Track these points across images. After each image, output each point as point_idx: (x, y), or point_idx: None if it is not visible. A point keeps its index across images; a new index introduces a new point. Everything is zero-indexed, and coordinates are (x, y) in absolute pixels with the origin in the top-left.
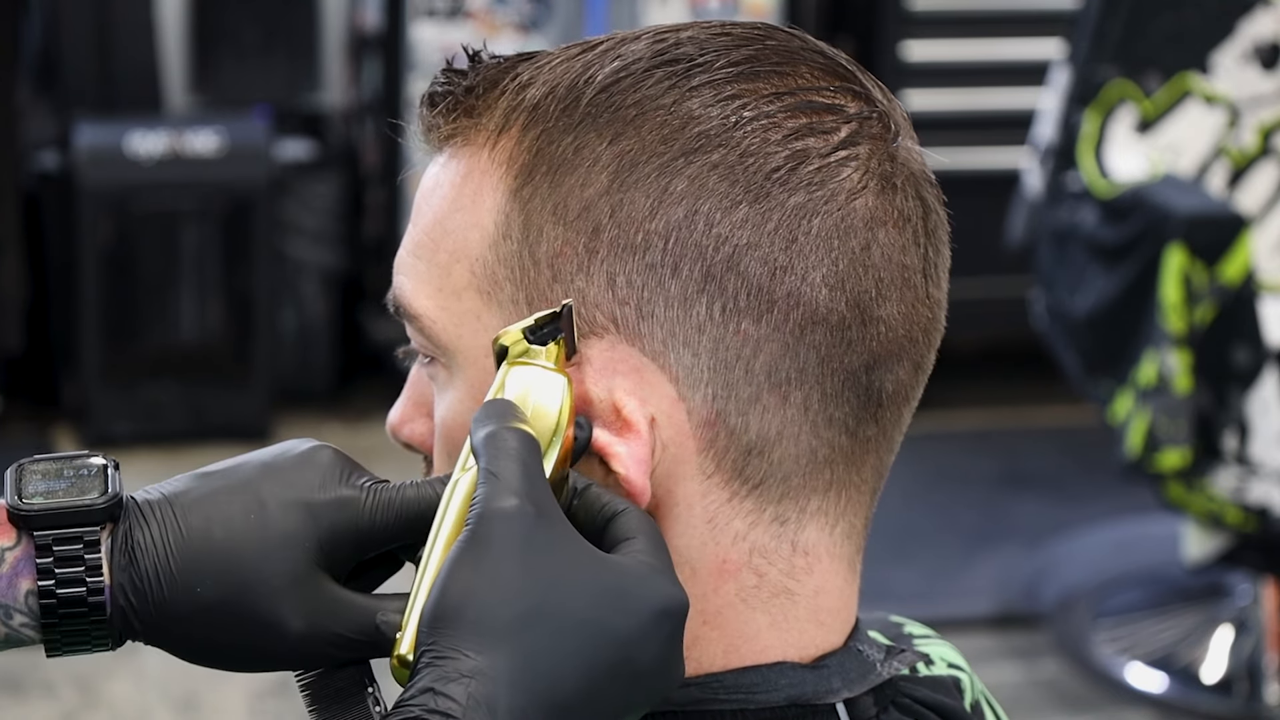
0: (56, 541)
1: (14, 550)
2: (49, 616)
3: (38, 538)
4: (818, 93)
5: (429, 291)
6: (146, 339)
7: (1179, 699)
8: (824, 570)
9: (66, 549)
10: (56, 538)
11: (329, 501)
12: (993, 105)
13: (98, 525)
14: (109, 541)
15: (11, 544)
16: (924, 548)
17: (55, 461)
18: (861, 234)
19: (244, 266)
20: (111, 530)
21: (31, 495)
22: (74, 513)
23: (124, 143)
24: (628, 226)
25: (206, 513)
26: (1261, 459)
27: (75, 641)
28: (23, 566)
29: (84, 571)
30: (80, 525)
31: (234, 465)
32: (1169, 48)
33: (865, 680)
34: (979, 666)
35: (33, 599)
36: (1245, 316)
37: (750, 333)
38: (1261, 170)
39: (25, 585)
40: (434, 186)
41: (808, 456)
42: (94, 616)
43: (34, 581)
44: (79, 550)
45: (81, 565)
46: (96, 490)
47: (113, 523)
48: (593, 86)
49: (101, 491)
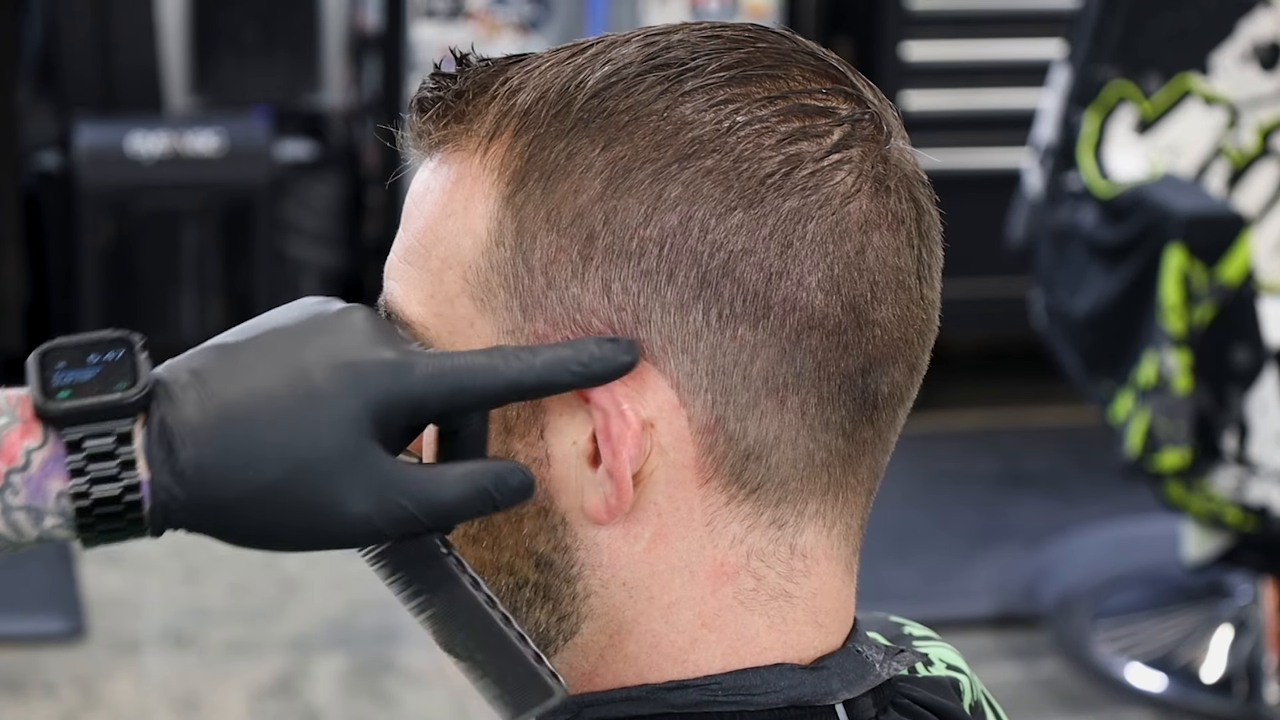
0: (87, 438)
1: (41, 450)
2: (84, 517)
3: (67, 434)
4: (810, 95)
5: (421, 298)
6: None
7: (1179, 699)
8: (822, 572)
9: (98, 444)
10: (87, 434)
11: (377, 365)
12: (993, 105)
13: (131, 418)
14: (143, 434)
15: (38, 443)
16: (923, 548)
17: (78, 348)
18: (856, 237)
19: (244, 266)
20: (145, 420)
21: (57, 389)
22: (106, 408)
23: (124, 143)
24: (622, 233)
25: (244, 388)
26: (1261, 459)
27: (111, 536)
28: (52, 467)
29: (118, 468)
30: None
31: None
32: (1169, 48)
33: (864, 681)
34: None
35: (65, 501)
36: (1245, 316)
37: (747, 338)
38: (1261, 170)
39: (56, 486)
40: (425, 192)
41: (805, 460)
42: (130, 515)
43: (65, 481)
44: (111, 445)
45: (115, 461)
46: (126, 379)
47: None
48: (584, 92)
49: (131, 380)
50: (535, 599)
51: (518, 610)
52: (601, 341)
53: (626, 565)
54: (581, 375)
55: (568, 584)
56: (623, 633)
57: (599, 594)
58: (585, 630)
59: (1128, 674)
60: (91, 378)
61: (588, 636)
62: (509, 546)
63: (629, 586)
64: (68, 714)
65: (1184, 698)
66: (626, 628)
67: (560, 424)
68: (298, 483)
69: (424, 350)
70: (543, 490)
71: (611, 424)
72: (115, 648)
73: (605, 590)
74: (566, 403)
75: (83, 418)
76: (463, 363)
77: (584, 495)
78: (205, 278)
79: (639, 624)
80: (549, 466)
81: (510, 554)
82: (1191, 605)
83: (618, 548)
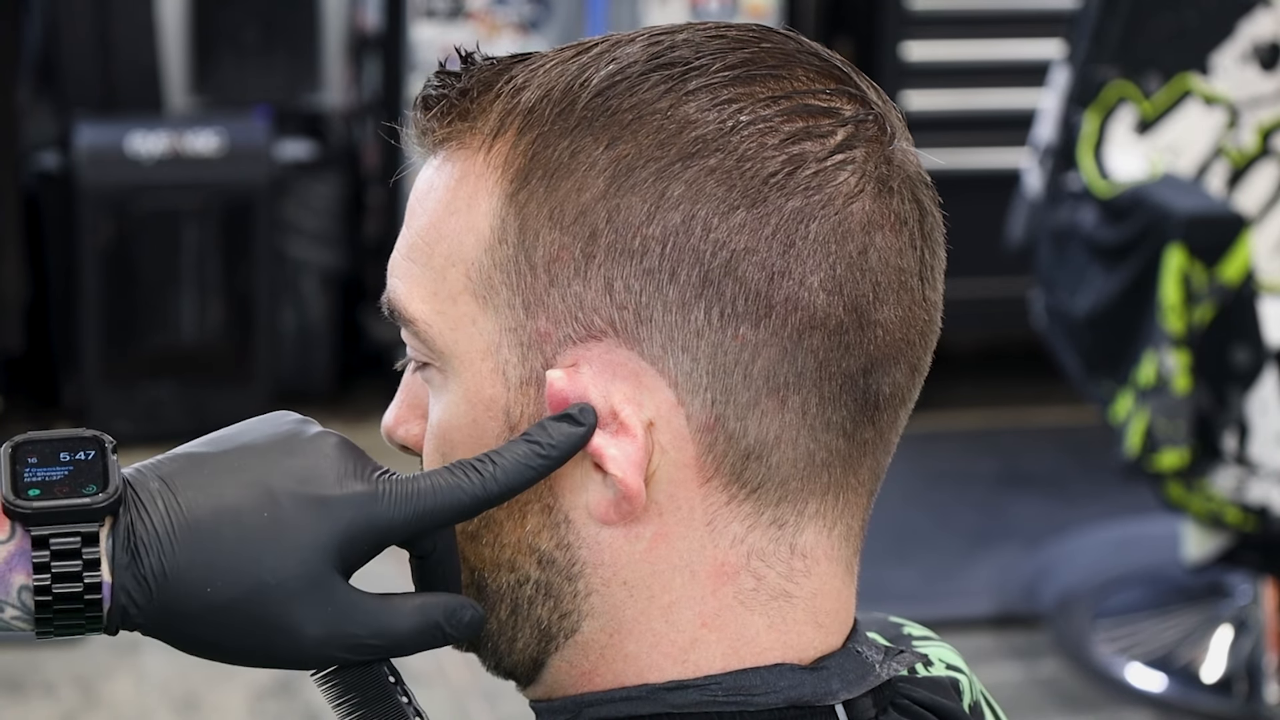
0: (54, 536)
1: (8, 544)
2: (43, 611)
3: (34, 531)
4: (814, 96)
5: (424, 295)
6: (146, 339)
7: (1179, 699)
8: (822, 573)
9: (64, 543)
10: (54, 533)
11: (345, 500)
12: (993, 105)
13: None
14: (109, 538)
15: (5, 537)
16: (923, 548)
17: (50, 444)
18: (859, 238)
19: (244, 266)
20: (112, 525)
21: (27, 487)
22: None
23: (124, 143)
24: (625, 231)
25: (213, 506)
26: (1261, 459)
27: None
28: (17, 561)
29: (81, 569)
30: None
31: (232, 447)
32: (1169, 48)
33: (864, 682)
34: (979, 666)
35: (26, 594)
36: (1245, 316)
37: (748, 337)
38: (1261, 170)
39: (19, 580)
40: (428, 189)
41: (805, 460)
42: (90, 613)
43: (29, 577)
44: (76, 544)
45: (79, 561)
46: (96, 483)
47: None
48: (588, 90)
49: (102, 485)
50: (536, 596)
51: (519, 608)
52: (555, 422)
53: (627, 564)
54: (545, 467)
55: (569, 581)
56: (623, 631)
57: (600, 592)
58: (586, 628)
59: (1128, 674)
60: (62, 477)
61: (588, 634)
62: (510, 544)
63: (630, 585)
64: (68, 714)
65: (1184, 698)
66: (627, 626)
67: None
68: (255, 604)
69: (391, 478)
70: (548, 488)
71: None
72: (115, 648)
73: (606, 588)
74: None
75: (51, 519)
76: (427, 485)
77: (589, 494)
78: (205, 278)
79: (639, 623)
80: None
81: (512, 551)
82: (1191, 605)
83: (619, 546)
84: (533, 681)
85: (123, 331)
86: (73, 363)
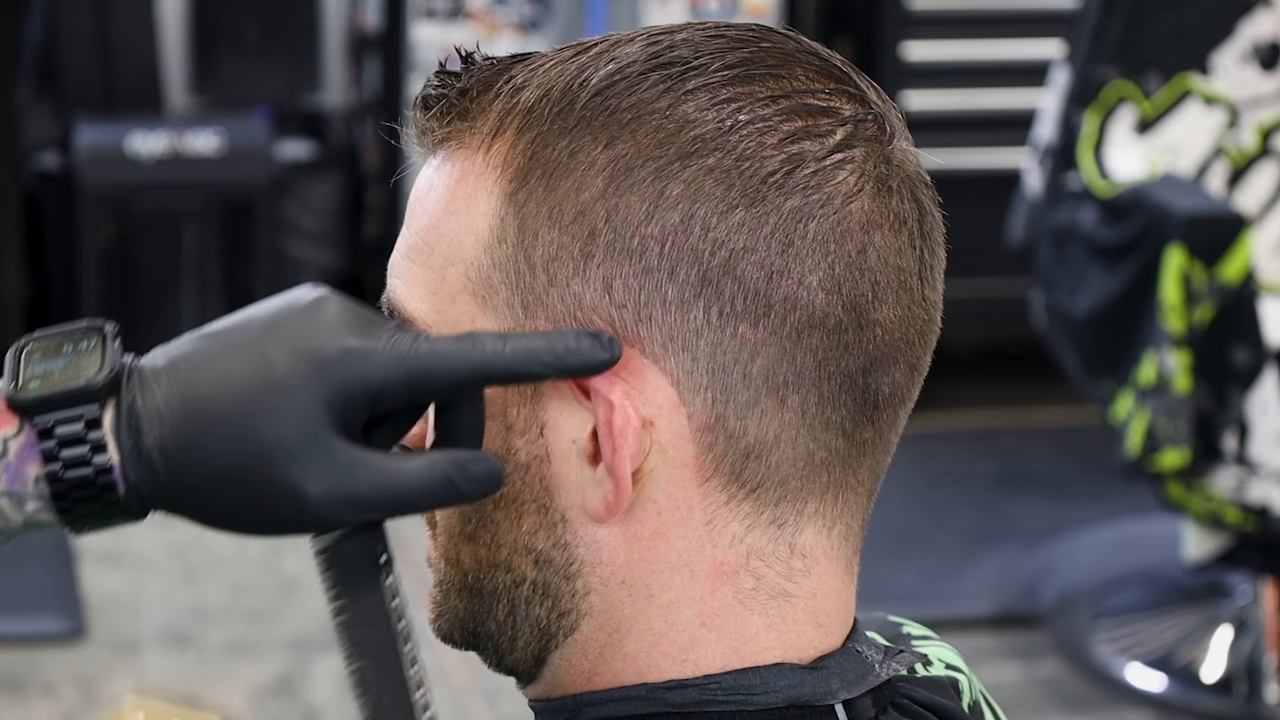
0: (58, 423)
1: (17, 438)
2: (61, 500)
3: (38, 421)
4: (813, 95)
5: (423, 295)
6: (146, 339)
7: (1179, 699)
8: (822, 572)
9: (68, 430)
10: (58, 420)
11: (336, 355)
12: (993, 105)
13: (98, 403)
14: (112, 417)
15: (14, 431)
16: (923, 548)
17: (53, 338)
18: (858, 237)
19: (244, 266)
20: (115, 404)
21: (29, 379)
22: (72, 394)
23: (124, 143)
24: (624, 230)
25: (211, 375)
26: (1261, 459)
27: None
28: (28, 453)
29: (89, 451)
30: (80, 404)
31: (239, 322)
32: (1169, 48)
33: (864, 681)
34: (979, 666)
35: (43, 484)
36: (1245, 316)
37: (748, 337)
38: (1261, 170)
39: (33, 471)
40: (428, 189)
41: (805, 459)
42: (106, 497)
43: (41, 467)
44: (80, 430)
45: (85, 445)
46: (94, 366)
47: (115, 396)
48: (587, 90)
49: (99, 367)
50: (534, 596)
51: (516, 608)
52: (581, 335)
53: (626, 563)
54: (553, 367)
55: (567, 581)
56: (622, 631)
57: (598, 591)
58: (585, 627)
59: (1128, 674)
60: (62, 367)
61: (587, 634)
62: (507, 544)
63: (628, 585)
64: (68, 714)
65: (1184, 698)
66: (626, 626)
67: (560, 421)
68: (256, 468)
69: (396, 336)
70: (543, 487)
71: (614, 418)
72: (115, 648)
73: (605, 588)
74: (565, 400)
75: (49, 404)
76: (427, 348)
77: (584, 493)
78: (205, 277)
79: (638, 622)
80: (549, 464)
81: (508, 551)
82: (1191, 605)
83: (617, 546)
84: (534, 679)
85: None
86: None
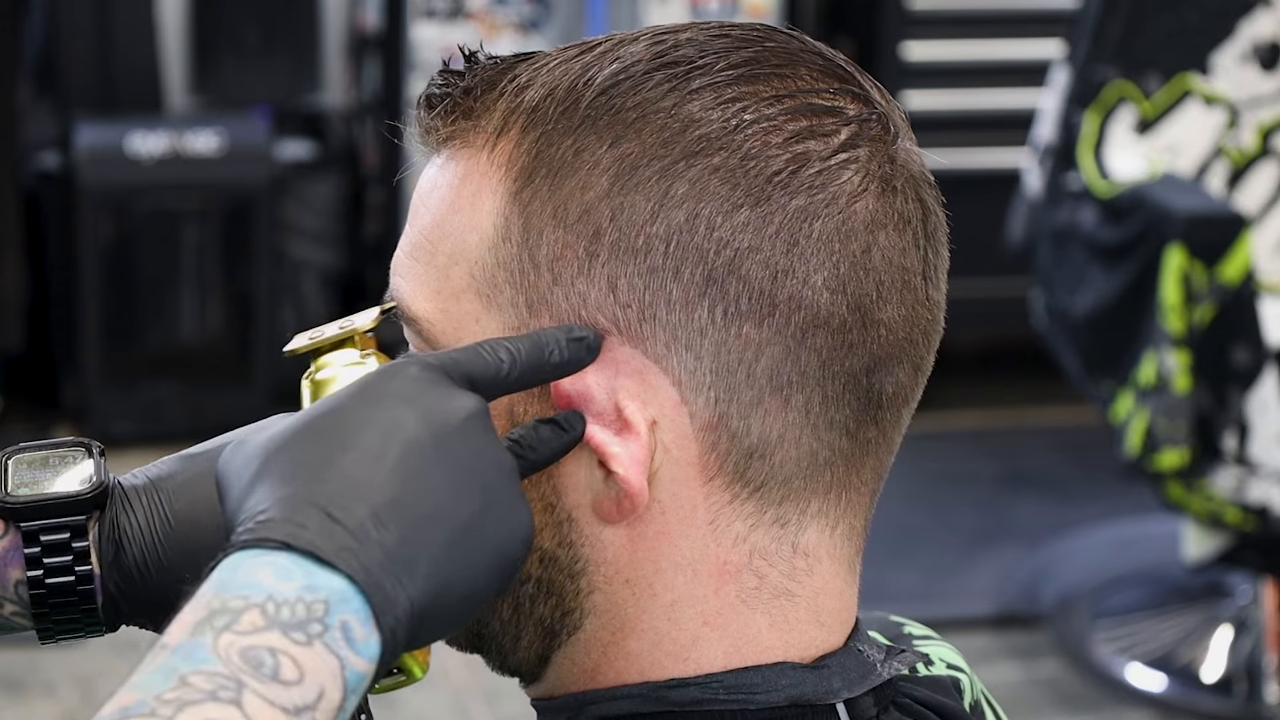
0: (43, 531)
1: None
2: (39, 606)
3: (24, 528)
4: (818, 95)
5: (427, 294)
6: (146, 339)
7: (1179, 699)
8: (824, 572)
9: (53, 538)
10: (43, 527)
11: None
12: (993, 105)
13: (84, 515)
14: (96, 530)
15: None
16: (924, 548)
17: (41, 450)
18: (862, 237)
19: (244, 266)
20: (99, 519)
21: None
22: (59, 503)
23: (124, 143)
24: (628, 230)
25: (191, 497)
26: (1261, 459)
27: (68, 628)
28: (11, 556)
29: (72, 561)
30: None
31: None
32: (1169, 48)
33: (865, 681)
34: (979, 666)
35: (23, 589)
36: (1245, 316)
37: (752, 336)
38: (1261, 170)
39: (15, 575)
40: (432, 188)
41: (808, 459)
42: (84, 605)
43: (23, 571)
44: (65, 539)
45: (69, 554)
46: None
47: (99, 510)
48: (592, 89)
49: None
50: (539, 594)
51: (521, 607)
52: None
53: (630, 563)
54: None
55: (571, 579)
56: (625, 629)
57: (602, 590)
58: (588, 626)
59: (1128, 674)
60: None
61: (591, 632)
62: None
63: (632, 584)
64: (68, 714)
65: (1184, 698)
66: (629, 624)
67: None
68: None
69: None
70: (551, 486)
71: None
72: (115, 648)
73: (608, 586)
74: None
75: (37, 512)
76: None
77: (593, 493)
78: (205, 278)
79: (641, 621)
80: (558, 464)
81: None
82: (1191, 605)
83: (621, 545)
84: (537, 679)
85: (123, 331)
86: (73, 363)
